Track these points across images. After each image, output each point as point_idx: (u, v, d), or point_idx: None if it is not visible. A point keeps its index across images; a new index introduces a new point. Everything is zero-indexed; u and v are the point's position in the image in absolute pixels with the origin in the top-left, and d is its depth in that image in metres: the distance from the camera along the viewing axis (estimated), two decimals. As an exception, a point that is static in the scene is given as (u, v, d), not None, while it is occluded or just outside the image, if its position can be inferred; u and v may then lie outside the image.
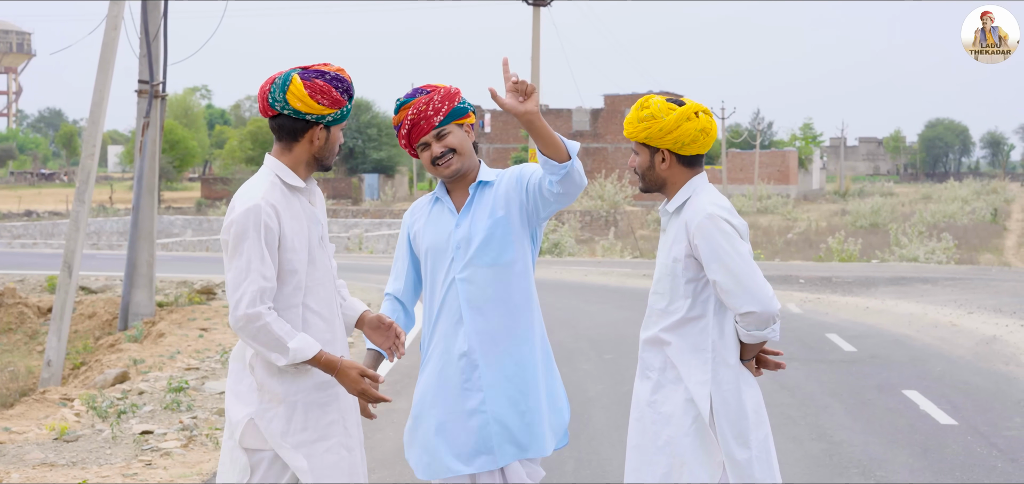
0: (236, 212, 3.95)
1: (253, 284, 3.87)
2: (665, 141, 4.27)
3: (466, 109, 4.50)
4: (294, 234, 4.01)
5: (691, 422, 4.26)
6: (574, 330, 14.98)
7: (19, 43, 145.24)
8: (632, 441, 4.43)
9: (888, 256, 31.77)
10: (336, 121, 4.06)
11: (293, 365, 3.98)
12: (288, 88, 3.97)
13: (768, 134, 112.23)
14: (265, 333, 3.87)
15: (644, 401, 4.38)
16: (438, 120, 4.43)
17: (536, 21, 33.27)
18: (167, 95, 16.09)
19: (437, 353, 4.54)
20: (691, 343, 4.28)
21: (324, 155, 4.09)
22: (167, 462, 7.95)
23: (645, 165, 4.35)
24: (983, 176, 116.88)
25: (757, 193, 69.91)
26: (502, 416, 4.47)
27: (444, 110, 4.43)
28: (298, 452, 3.99)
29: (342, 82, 4.03)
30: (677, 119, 4.25)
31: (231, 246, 3.94)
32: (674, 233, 4.32)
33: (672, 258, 4.30)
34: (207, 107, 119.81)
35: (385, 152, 79.09)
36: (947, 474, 7.76)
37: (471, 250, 4.47)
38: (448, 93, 4.47)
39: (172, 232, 47.37)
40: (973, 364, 12.54)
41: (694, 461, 4.25)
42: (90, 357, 14.16)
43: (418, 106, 4.43)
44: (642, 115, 4.28)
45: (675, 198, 4.34)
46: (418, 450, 4.57)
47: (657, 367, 4.35)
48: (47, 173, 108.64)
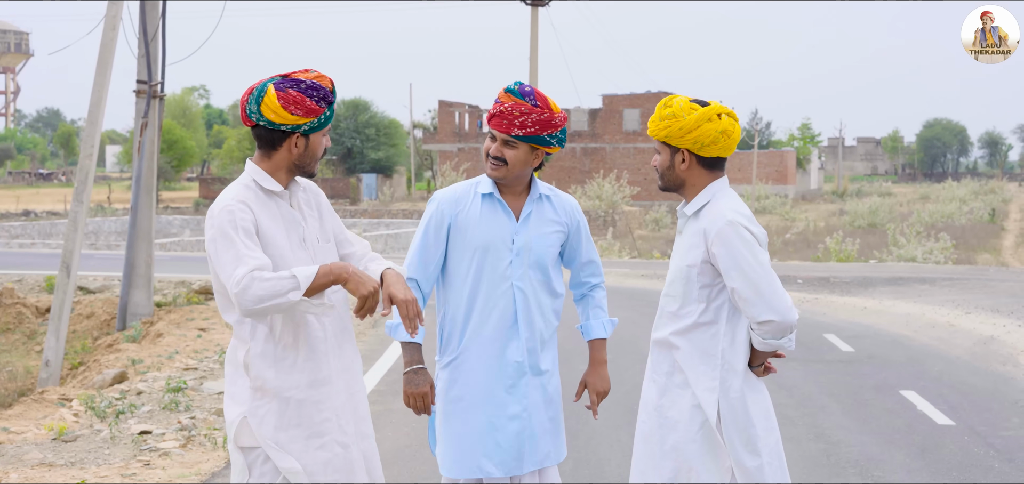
0: (213, 216, 4.00)
1: (245, 265, 3.87)
2: (685, 141, 4.25)
3: (549, 142, 4.49)
4: (271, 234, 4.02)
5: (698, 428, 4.24)
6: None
7: (17, 43, 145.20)
8: (639, 443, 4.43)
9: (886, 256, 31.78)
10: (313, 129, 4.04)
11: (287, 361, 4.00)
12: (262, 100, 3.99)
13: (766, 134, 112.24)
14: (268, 285, 3.84)
15: (652, 405, 4.37)
16: (516, 133, 4.45)
17: (534, 21, 33.27)
18: (165, 95, 16.08)
19: (485, 354, 4.56)
20: (701, 349, 4.26)
21: (305, 162, 4.09)
22: (166, 462, 7.95)
23: (665, 164, 4.33)
24: (981, 176, 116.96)
25: (755, 193, 69.89)
26: (537, 426, 4.58)
27: (529, 130, 4.45)
28: (289, 451, 4.00)
29: (318, 90, 4.02)
30: (698, 119, 4.23)
31: (216, 250, 3.96)
32: (691, 237, 4.30)
33: (687, 263, 4.28)
34: (205, 107, 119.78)
35: (383, 152, 79.04)
36: (944, 474, 7.77)
37: (531, 259, 4.55)
38: (545, 121, 4.46)
39: (170, 232, 47.35)
40: (970, 364, 12.56)
41: (701, 466, 4.23)
42: (88, 357, 14.15)
43: (517, 106, 4.45)
44: (664, 113, 4.28)
45: (694, 201, 4.31)
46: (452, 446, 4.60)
47: (665, 371, 4.34)
48: (45, 173, 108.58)
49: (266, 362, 4.02)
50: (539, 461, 4.58)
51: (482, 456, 4.53)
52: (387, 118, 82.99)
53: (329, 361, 4.11)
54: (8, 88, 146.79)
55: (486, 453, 4.53)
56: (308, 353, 4.06)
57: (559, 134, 4.49)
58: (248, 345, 4.05)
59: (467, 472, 4.54)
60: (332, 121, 4.18)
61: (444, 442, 4.61)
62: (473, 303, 4.56)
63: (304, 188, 4.21)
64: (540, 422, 4.58)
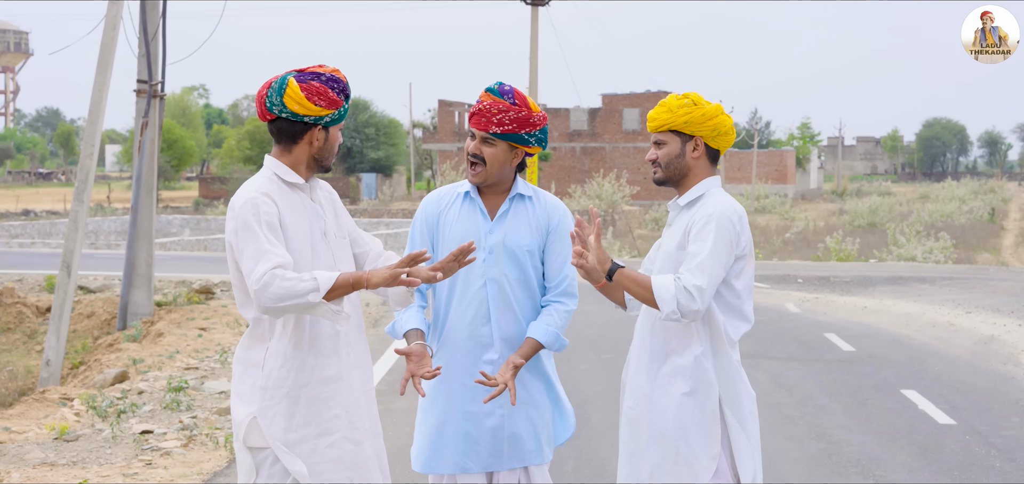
0: (235, 209, 3.99)
1: (267, 261, 3.88)
2: (705, 127, 4.36)
3: (528, 140, 4.51)
4: (294, 227, 4.03)
5: (688, 413, 4.28)
6: (572, 330, 14.99)
7: (17, 42, 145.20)
8: (626, 430, 4.47)
9: (886, 256, 31.78)
10: (334, 121, 4.08)
11: (304, 360, 4.01)
12: (285, 91, 4.00)
13: (766, 133, 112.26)
14: (285, 283, 3.86)
15: (641, 391, 4.40)
16: (494, 130, 4.47)
17: (534, 21, 33.27)
18: (165, 95, 16.08)
19: (461, 351, 4.56)
20: (691, 333, 4.31)
21: (324, 155, 4.12)
22: (167, 462, 7.96)
23: (674, 153, 4.39)
24: (981, 175, 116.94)
25: (755, 192, 69.91)
26: (518, 424, 4.56)
27: (507, 127, 4.47)
28: (297, 453, 4.00)
29: (338, 83, 4.05)
30: (717, 109, 4.40)
31: (238, 242, 3.95)
32: (680, 227, 4.36)
33: (676, 245, 4.33)
34: (205, 106, 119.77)
35: (383, 151, 79.01)
36: (945, 474, 7.78)
37: (504, 257, 4.54)
38: (523, 119, 4.48)
39: (170, 231, 47.34)
40: (971, 364, 12.56)
41: (688, 452, 4.28)
42: (89, 357, 14.15)
43: (495, 104, 4.48)
44: (683, 102, 4.38)
45: (689, 192, 4.39)
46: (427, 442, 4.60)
47: (657, 356, 4.37)
48: (45, 172, 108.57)
49: (282, 360, 4.02)
50: (522, 459, 4.57)
51: (456, 452, 4.54)
52: (387, 117, 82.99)
53: (341, 358, 4.12)
54: (8, 87, 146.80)
55: (459, 449, 4.53)
56: (324, 350, 4.07)
57: (538, 133, 4.52)
58: (268, 344, 4.04)
59: (441, 468, 4.56)
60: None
61: (419, 438, 4.64)
62: (450, 302, 4.60)
63: (321, 186, 4.23)
64: (520, 421, 4.55)
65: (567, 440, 4.82)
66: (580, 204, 50.43)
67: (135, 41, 15.73)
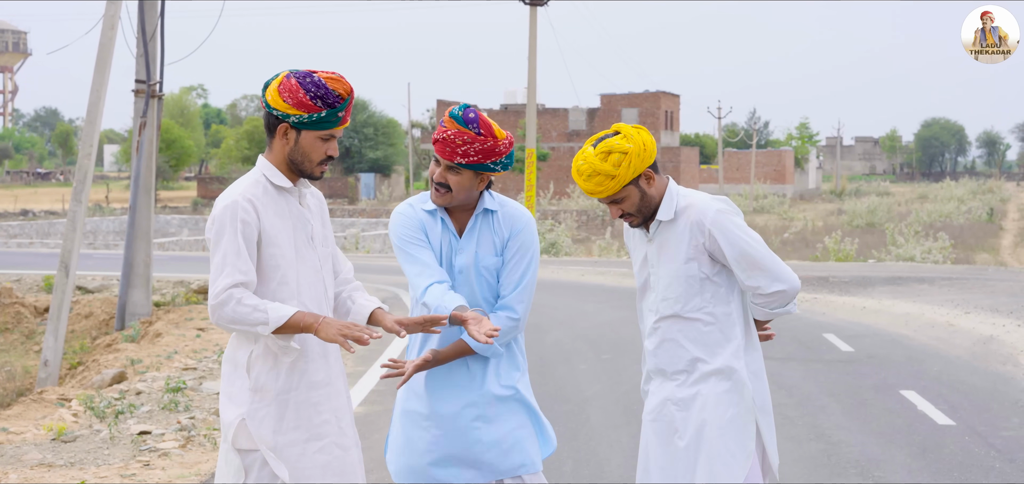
0: (216, 209, 4.00)
1: (227, 278, 3.89)
2: (645, 162, 4.28)
3: (493, 168, 4.45)
4: (277, 231, 4.02)
5: (726, 413, 4.30)
6: (571, 330, 14.98)
7: (15, 42, 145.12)
8: (652, 441, 4.42)
9: (885, 256, 31.79)
10: (303, 125, 4.00)
11: (291, 359, 4.00)
12: (270, 84, 4.03)
13: (764, 133, 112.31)
14: (240, 308, 3.88)
15: (671, 400, 4.37)
16: (459, 161, 4.40)
17: (533, 20, 33.25)
18: (164, 94, 16.07)
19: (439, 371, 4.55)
20: (717, 338, 4.33)
21: (297, 159, 4.05)
22: (165, 462, 7.94)
23: (637, 198, 4.32)
24: (979, 175, 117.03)
25: (753, 192, 69.95)
26: (500, 436, 4.51)
27: (472, 158, 4.39)
28: (284, 457, 3.98)
29: (319, 87, 3.97)
30: (639, 136, 4.30)
31: (212, 242, 3.98)
32: (676, 239, 4.34)
33: (684, 260, 4.32)
34: (203, 106, 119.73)
35: (381, 151, 79.05)
36: (945, 474, 7.77)
37: (476, 275, 4.51)
38: (489, 150, 4.40)
39: (168, 232, 47.33)
40: (970, 364, 12.55)
41: (726, 453, 4.28)
42: (87, 357, 14.13)
43: (460, 134, 4.39)
44: (616, 160, 4.24)
45: (663, 208, 4.35)
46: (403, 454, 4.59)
47: (681, 368, 4.36)
48: (43, 172, 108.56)
49: (268, 363, 4.01)
50: (511, 470, 4.53)
51: (432, 465, 4.51)
52: (385, 117, 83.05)
53: (330, 363, 4.11)
54: (6, 87, 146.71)
55: (435, 462, 4.51)
56: (313, 355, 4.06)
57: (504, 160, 4.46)
58: (251, 347, 4.03)
59: (417, 476, 4.54)
60: (335, 128, 4.11)
61: (394, 450, 4.61)
62: None
63: (312, 192, 4.21)
64: (502, 433, 4.51)
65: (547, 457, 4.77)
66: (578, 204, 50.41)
67: (133, 41, 15.73)
